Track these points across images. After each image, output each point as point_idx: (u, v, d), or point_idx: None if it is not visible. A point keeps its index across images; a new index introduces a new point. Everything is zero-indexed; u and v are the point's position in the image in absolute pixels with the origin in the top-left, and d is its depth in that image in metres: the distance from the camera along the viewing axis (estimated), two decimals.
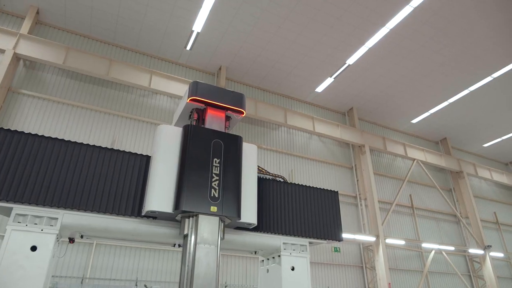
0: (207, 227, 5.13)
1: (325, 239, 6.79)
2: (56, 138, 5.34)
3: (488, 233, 23.37)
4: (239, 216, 5.43)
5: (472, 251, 21.35)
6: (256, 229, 6.15)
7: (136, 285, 12.80)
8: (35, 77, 14.47)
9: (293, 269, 6.28)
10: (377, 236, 18.05)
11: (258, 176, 6.70)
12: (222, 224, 5.41)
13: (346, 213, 19.15)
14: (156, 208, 5.06)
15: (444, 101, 20.93)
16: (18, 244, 4.61)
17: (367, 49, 16.81)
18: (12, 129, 4.91)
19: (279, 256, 6.34)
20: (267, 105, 18.39)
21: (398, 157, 22.83)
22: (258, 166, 7.98)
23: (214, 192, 5.30)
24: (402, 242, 19.22)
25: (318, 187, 7.30)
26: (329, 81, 19.15)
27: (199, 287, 4.71)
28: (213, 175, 5.42)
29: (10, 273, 4.41)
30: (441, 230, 22.14)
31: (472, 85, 19.50)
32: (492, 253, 21.61)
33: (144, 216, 5.33)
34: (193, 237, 5.05)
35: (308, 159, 19.47)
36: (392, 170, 22.30)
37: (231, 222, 5.61)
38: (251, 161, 6.16)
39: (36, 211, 4.87)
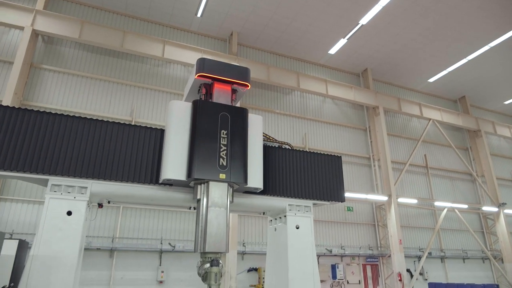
0: (217, 192, 5.76)
1: (328, 200, 7.35)
2: (84, 118, 5.95)
3: (503, 190, 23.45)
4: (245, 181, 6.01)
5: (486, 208, 21.66)
6: (263, 192, 6.75)
7: (161, 243, 14.01)
8: (54, 51, 15.05)
9: (297, 227, 6.94)
10: (389, 196, 18.57)
11: (264, 144, 7.20)
12: (231, 189, 6.01)
13: (359, 174, 19.64)
14: (171, 176, 5.70)
15: (463, 58, 20.34)
16: (56, 210, 5.39)
17: (381, 7, 16.36)
18: (47, 110, 5.52)
19: (285, 216, 6.99)
20: (280, 70, 18.47)
21: (414, 118, 22.73)
22: (265, 134, 8.47)
23: (222, 161, 5.86)
24: (414, 201, 19.70)
25: (322, 153, 7.76)
26: (342, 42, 18.89)
27: (211, 244, 5.43)
28: (221, 145, 5.95)
29: (52, 234, 5.23)
30: (456, 188, 22.40)
31: (493, 40, 18.79)
32: (506, 210, 21.84)
33: (161, 183, 5.99)
34: (205, 201, 5.70)
35: (322, 122, 19.74)
36: (406, 130, 22.32)
37: (239, 187, 6.22)
38: (257, 131, 6.63)
39: (68, 182, 5.59)
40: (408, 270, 18.46)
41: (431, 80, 22.55)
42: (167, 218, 14.75)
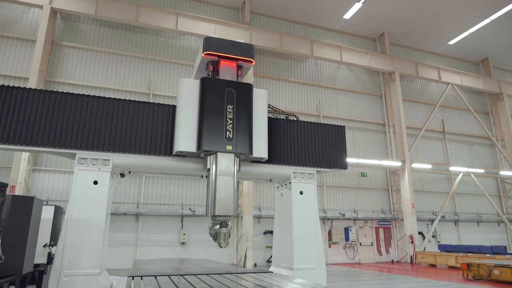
0: (224, 162, 6.33)
1: (331, 167, 7.83)
2: (104, 97, 6.57)
3: None
4: (251, 152, 6.54)
5: (504, 173, 21.53)
6: (269, 161, 7.30)
7: (182, 208, 15.05)
8: (73, 28, 15.61)
9: (301, 193, 7.51)
10: (403, 161, 18.79)
11: (270, 116, 7.65)
12: (238, 159, 6.57)
13: (374, 140, 19.82)
14: (183, 148, 6.30)
15: (485, 18, 19.49)
16: (84, 179, 6.15)
17: None
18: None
19: (290, 183, 7.56)
20: (293, 38, 18.40)
21: (432, 82, 22.30)
22: (273, 106, 8.89)
23: (229, 134, 6.39)
24: (429, 166, 19.85)
25: (326, 123, 8.14)
26: (357, 6, 18.45)
27: (220, 207, 6.09)
28: (228, 119, 6.45)
29: (82, 200, 6.02)
30: (473, 153, 22.25)
31: None
32: None
33: (175, 155, 6.62)
34: (214, 170, 6.30)
35: (336, 90, 19.77)
36: (424, 96, 22.01)
37: (246, 157, 6.77)
38: (261, 104, 7.07)
39: (93, 155, 6.31)
40: (420, 233, 19.01)
41: (452, 42, 21.82)
42: (187, 185, 15.68)
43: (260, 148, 6.79)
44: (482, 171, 21.15)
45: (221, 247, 6.09)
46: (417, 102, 21.54)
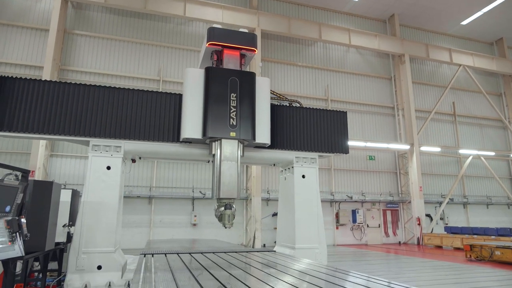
0: (229, 148, 6.66)
1: (332, 152, 8.08)
2: (115, 87, 6.92)
3: None
4: (254, 138, 6.84)
5: None
6: (272, 146, 7.59)
7: (193, 191, 15.58)
8: (84, 17, 15.93)
9: (303, 176, 7.83)
10: (412, 145, 18.83)
11: (273, 103, 7.91)
12: (241, 145, 6.88)
13: (383, 123, 19.85)
14: (189, 135, 6.64)
15: None
16: (98, 165, 6.58)
17: None
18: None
19: (292, 167, 7.87)
20: (301, 21, 18.33)
21: (443, 64, 21.97)
22: (277, 93, 9.11)
23: (233, 121, 6.69)
24: (437, 149, 19.84)
25: (328, 109, 8.35)
26: None
27: (225, 191, 6.46)
28: (231, 107, 6.74)
29: (96, 184, 6.47)
30: (484, 136, 22.07)
31: None
32: None
33: (182, 141, 6.98)
34: (218, 155, 6.64)
35: (345, 73, 19.75)
36: (435, 78, 21.76)
37: (249, 143, 7.08)
38: (264, 92, 7.31)
39: (106, 142, 6.71)
40: (428, 215, 19.21)
41: (464, 22, 21.35)
42: (197, 169, 16.18)
43: (263, 134, 7.07)
44: (492, 153, 21.01)
45: (225, 228, 6.48)
46: (427, 85, 21.34)
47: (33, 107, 6.44)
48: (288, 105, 9.24)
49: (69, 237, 6.34)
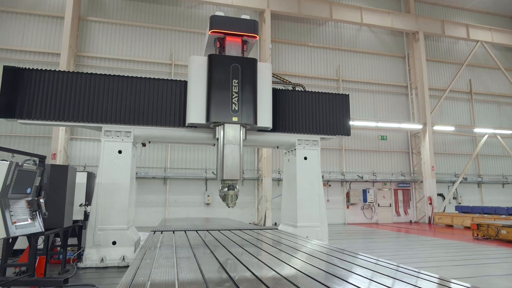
0: (231, 132, 7.01)
1: (334, 134, 8.32)
2: (124, 76, 7.34)
3: None
4: (255, 122, 7.16)
5: None
6: (275, 130, 7.90)
7: (206, 172, 16.14)
8: (97, 3, 16.28)
9: (305, 158, 8.13)
10: (424, 124, 18.67)
11: (276, 88, 8.15)
12: (244, 129, 7.22)
13: (395, 103, 19.68)
14: (194, 120, 7.02)
15: None
16: (110, 149, 7.08)
17: None
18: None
19: (295, 149, 8.17)
20: (311, 1, 18.07)
21: (460, 41, 21.33)
22: (279, 77, 9.31)
23: (235, 106, 7.00)
24: (451, 128, 19.60)
25: (330, 92, 8.52)
26: None
27: (228, 172, 6.86)
28: (233, 93, 7.04)
29: (109, 167, 6.99)
30: (502, 113, 21.56)
31: None
32: None
33: (187, 126, 7.37)
34: (221, 139, 7.01)
35: (357, 53, 19.53)
36: (451, 55, 21.21)
37: (251, 127, 7.40)
38: (266, 77, 7.56)
39: (117, 128, 7.19)
40: (440, 195, 19.23)
41: None
42: (210, 150, 16.65)
43: (265, 118, 7.38)
44: (510, 132, 20.58)
45: (229, 207, 6.93)
46: (443, 62, 20.85)
47: (49, 96, 6.92)
48: (291, 89, 9.44)
49: (86, 215, 6.93)
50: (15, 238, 5.46)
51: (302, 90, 9.01)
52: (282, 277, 2.66)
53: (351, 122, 17.44)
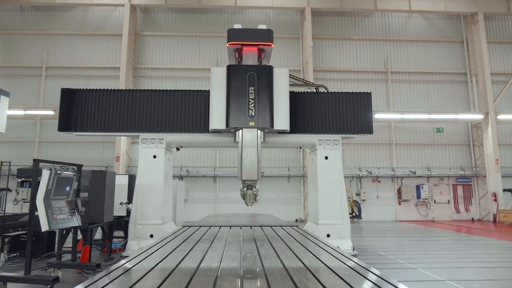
0: (248, 136, 7.56)
1: (356, 133, 8.38)
2: (155, 90, 8.35)
3: None
4: (272, 125, 7.61)
5: None
6: (295, 131, 8.25)
7: None
8: (150, 19, 17.97)
9: (326, 158, 8.34)
10: (486, 113, 17.19)
11: (294, 91, 8.51)
12: (262, 132, 7.72)
13: (453, 92, 18.41)
14: (215, 126, 7.72)
15: None
16: (146, 154, 8.13)
17: None
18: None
19: (316, 149, 8.44)
20: None
21: None
22: (302, 79, 9.57)
23: (251, 112, 7.54)
24: None
25: (351, 92, 8.59)
26: None
27: (246, 173, 7.43)
28: (250, 99, 7.58)
29: (145, 170, 8.04)
30: None
31: None
32: None
33: (211, 131, 8.12)
34: (240, 143, 7.60)
35: (407, 41, 18.64)
36: None
37: (270, 130, 7.87)
38: (282, 82, 7.94)
39: (151, 136, 8.21)
40: (509, 190, 17.53)
41: None
42: None
43: (282, 121, 7.79)
44: None
45: (247, 205, 7.52)
46: (508, 44, 18.84)
47: (96, 111, 8.18)
48: (315, 90, 9.65)
49: (128, 212, 8.07)
50: (68, 231, 6.73)
51: (325, 91, 9.17)
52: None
53: (400, 116, 16.85)
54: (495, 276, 6.19)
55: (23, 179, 12.52)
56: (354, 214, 16.60)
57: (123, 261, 3.45)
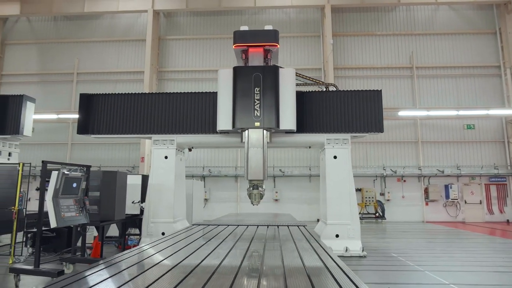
0: (254, 136, 7.64)
1: (366, 132, 8.21)
2: (166, 93, 8.65)
3: None
4: (278, 126, 7.64)
5: None
6: (302, 131, 8.23)
7: (273, 169, 16.92)
8: (173, 23, 18.50)
9: (335, 157, 8.24)
10: None
11: (302, 90, 8.48)
12: (268, 132, 7.77)
13: (485, 86, 17.46)
14: (222, 127, 7.87)
15: None
16: (158, 155, 8.44)
17: None
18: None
19: (324, 148, 8.37)
20: None
21: None
22: (312, 78, 9.50)
23: (257, 112, 7.61)
24: None
25: (360, 90, 8.41)
26: None
27: (252, 173, 7.52)
28: (255, 100, 7.65)
29: (157, 170, 8.35)
30: None
31: None
32: None
33: (219, 132, 8.28)
34: (247, 143, 7.70)
35: (434, 35, 17.89)
36: None
37: (276, 130, 7.91)
38: (289, 82, 7.94)
39: (163, 137, 8.52)
40: None
41: None
42: (277, 149, 17.39)
43: (288, 121, 7.81)
44: None
45: (253, 205, 7.61)
46: None
47: (111, 114, 8.61)
48: (325, 89, 9.55)
49: (141, 211, 8.42)
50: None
51: (335, 89, 9.04)
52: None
53: (426, 113, 16.24)
54: (506, 281, 5.85)
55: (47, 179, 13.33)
56: (377, 214, 16.20)
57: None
